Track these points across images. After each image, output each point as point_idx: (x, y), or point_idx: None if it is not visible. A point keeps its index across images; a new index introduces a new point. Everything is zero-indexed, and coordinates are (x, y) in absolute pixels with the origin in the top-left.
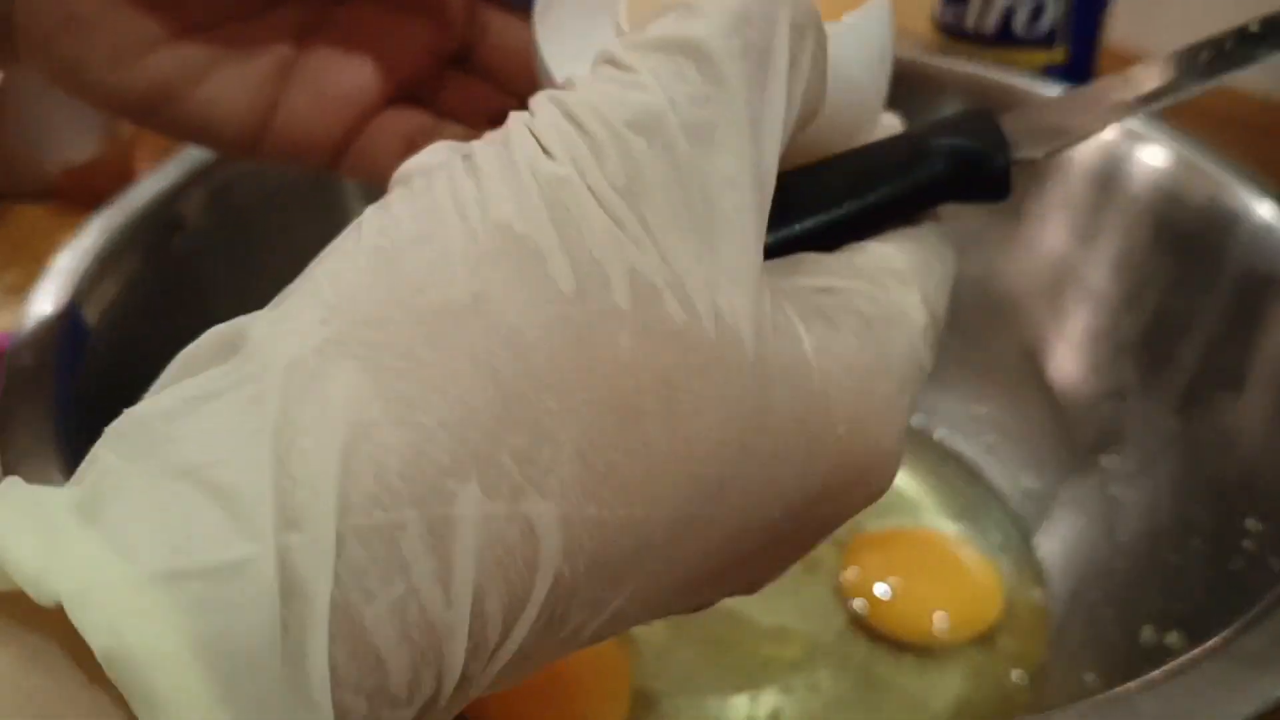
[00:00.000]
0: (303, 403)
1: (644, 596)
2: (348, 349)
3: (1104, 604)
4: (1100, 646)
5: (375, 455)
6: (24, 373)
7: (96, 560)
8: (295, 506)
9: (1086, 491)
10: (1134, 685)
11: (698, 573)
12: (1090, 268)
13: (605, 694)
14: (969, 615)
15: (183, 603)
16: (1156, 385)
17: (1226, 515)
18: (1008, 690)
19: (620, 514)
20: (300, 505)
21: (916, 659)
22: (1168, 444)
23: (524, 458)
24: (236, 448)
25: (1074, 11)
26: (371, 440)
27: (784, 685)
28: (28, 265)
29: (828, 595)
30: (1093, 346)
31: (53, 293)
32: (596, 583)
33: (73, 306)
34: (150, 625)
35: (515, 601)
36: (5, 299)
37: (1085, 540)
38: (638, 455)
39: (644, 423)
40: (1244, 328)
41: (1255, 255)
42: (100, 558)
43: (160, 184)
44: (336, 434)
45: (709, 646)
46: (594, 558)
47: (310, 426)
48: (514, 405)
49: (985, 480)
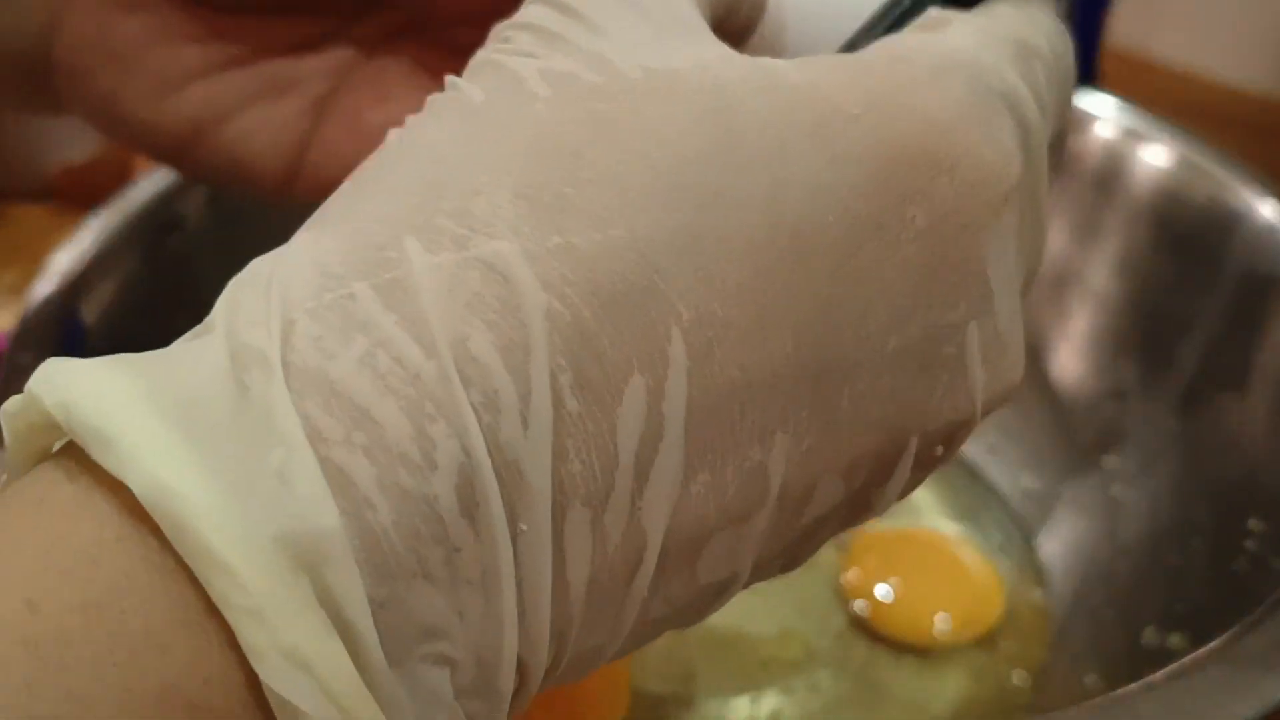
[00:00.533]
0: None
1: (724, 345)
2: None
3: (1106, 605)
4: (1102, 648)
5: (315, 256)
6: (23, 371)
7: (79, 367)
8: (242, 307)
9: (1088, 492)
10: (1135, 687)
11: (767, 306)
12: (1091, 267)
13: (605, 694)
14: (970, 616)
15: (135, 370)
16: (1158, 385)
17: (1228, 515)
18: (1009, 692)
19: (596, 238)
20: (248, 308)
21: (917, 660)
22: (1169, 444)
23: (459, 214)
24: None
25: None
26: (313, 246)
27: (784, 686)
28: (26, 265)
29: (828, 596)
30: (1094, 346)
31: (51, 292)
32: (616, 322)
33: (71, 306)
34: (102, 388)
35: (513, 345)
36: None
37: (1087, 541)
38: (590, 183)
39: (584, 155)
40: (1245, 328)
41: (1256, 255)
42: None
43: (158, 184)
44: (278, 252)
45: (709, 647)
46: (591, 288)
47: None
48: (443, 178)
49: (986, 481)
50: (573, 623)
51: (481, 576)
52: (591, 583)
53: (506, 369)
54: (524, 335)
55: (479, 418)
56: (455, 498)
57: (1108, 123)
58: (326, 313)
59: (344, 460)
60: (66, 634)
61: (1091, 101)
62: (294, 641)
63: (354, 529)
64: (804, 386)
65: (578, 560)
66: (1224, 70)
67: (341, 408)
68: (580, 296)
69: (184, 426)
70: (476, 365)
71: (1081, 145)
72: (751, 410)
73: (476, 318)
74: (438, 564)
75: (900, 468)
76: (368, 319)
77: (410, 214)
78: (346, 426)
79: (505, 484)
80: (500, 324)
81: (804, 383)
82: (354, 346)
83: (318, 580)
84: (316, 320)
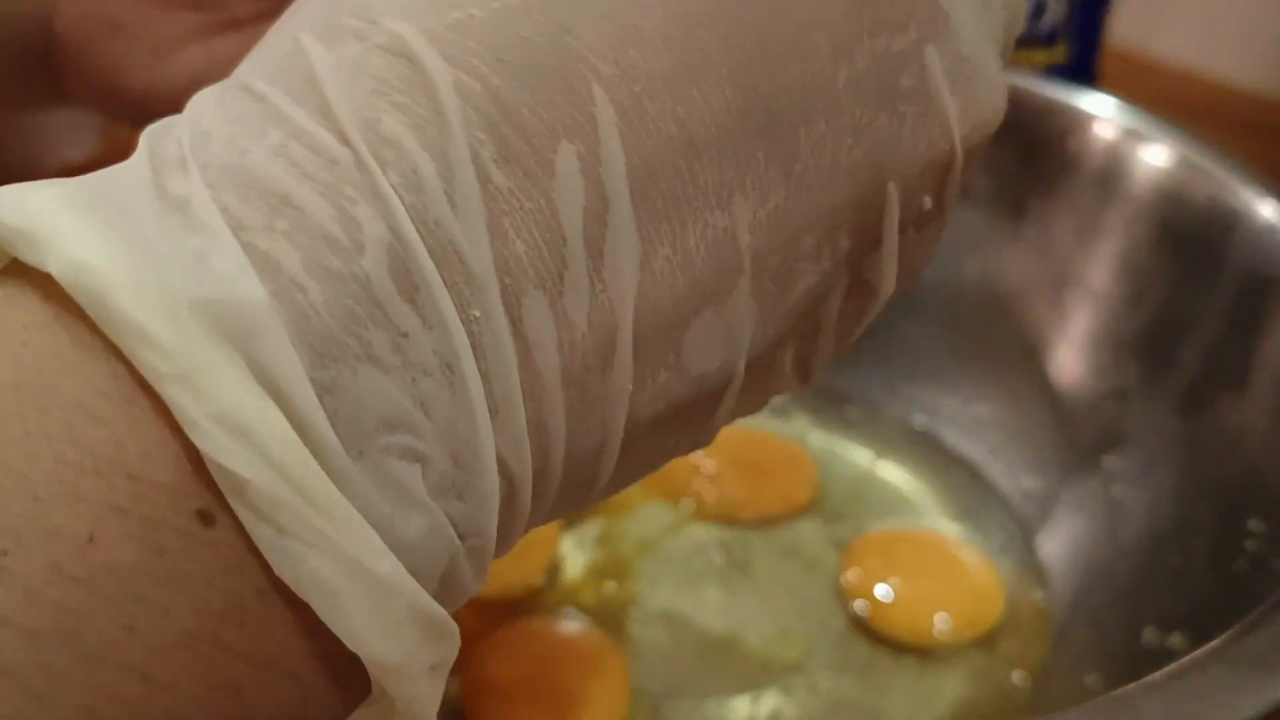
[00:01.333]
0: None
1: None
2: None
3: (1106, 605)
4: (1103, 648)
5: (226, 81)
6: None
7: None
8: (163, 132)
9: (1088, 492)
10: (1136, 687)
11: (693, 49)
12: (1092, 267)
13: (603, 695)
14: (970, 617)
15: (59, 184)
16: (1158, 385)
17: (1229, 516)
18: (1009, 692)
19: (494, 6)
20: (168, 131)
21: (917, 660)
22: (1170, 444)
23: (358, 11)
24: None
25: (1075, 11)
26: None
27: (784, 686)
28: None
29: (828, 596)
30: (1094, 346)
31: None
32: (531, 87)
33: None
34: (27, 197)
35: (425, 122)
36: None
37: (1087, 541)
38: None
39: None
40: (1245, 327)
41: (1257, 255)
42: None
43: None
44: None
45: (708, 647)
46: (496, 55)
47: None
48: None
49: (987, 481)
50: (552, 416)
51: (440, 366)
52: (565, 373)
53: (422, 147)
54: (435, 112)
55: (401, 198)
56: (390, 280)
57: (1108, 123)
58: (238, 116)
59: (268, 245)
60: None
61: (1091, 101)
62: (226, 407)
63: (284, 310)
64: (754, 135)
65: (543, 347)
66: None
67: (260, 197)
68: (487, 66)
69: (104, 220)
70: (391, 147)
71: (1081, 145)
72: (701, 169)
73: (384, 101)
74: (385, 349)
75: (888, 225)
76: (278, 115)
77: (314, 21)
78: (267, 214)
79: (444, 266)
80: (409, 105)
81: (753, 131)
82: (267, 140)
83: (248, 352)
84: (229, 124)
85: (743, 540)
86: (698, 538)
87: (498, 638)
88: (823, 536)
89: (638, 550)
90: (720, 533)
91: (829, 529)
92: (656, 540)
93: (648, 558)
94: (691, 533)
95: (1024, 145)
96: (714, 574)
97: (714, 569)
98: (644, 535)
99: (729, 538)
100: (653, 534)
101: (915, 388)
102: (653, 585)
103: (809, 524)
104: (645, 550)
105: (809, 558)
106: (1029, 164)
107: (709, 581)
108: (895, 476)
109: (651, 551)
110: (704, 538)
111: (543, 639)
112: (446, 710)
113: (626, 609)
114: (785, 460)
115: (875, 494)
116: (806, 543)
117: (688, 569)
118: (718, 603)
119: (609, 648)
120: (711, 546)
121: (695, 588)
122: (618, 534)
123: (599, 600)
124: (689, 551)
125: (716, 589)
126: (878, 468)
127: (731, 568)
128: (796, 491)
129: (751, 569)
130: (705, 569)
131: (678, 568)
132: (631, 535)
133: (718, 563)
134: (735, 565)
